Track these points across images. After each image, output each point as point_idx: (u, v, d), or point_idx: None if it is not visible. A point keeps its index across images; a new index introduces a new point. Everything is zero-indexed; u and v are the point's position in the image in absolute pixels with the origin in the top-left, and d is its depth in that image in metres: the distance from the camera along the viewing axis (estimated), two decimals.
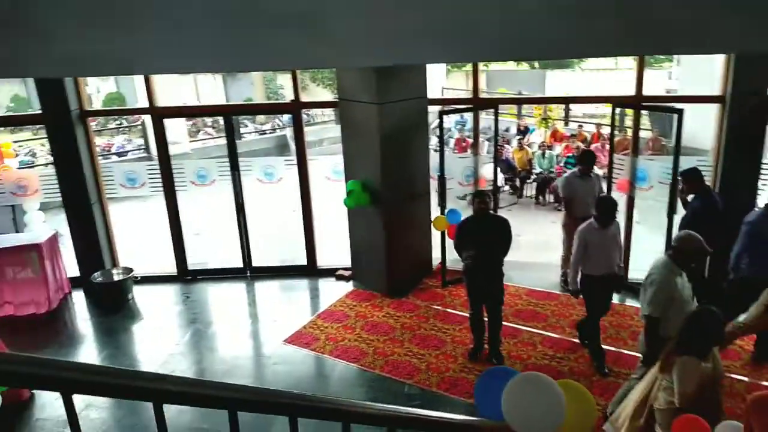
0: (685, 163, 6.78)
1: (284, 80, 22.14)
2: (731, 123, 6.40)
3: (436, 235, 7.33)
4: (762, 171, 6.50)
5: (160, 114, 7.39)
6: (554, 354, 5.76)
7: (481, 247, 5.36)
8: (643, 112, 7.70)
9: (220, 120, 17.08)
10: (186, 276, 7.81)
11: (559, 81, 18.83)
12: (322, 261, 7.91)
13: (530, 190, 11.48)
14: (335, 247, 7.92)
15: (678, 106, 6.75)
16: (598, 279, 5.20)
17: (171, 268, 7.85)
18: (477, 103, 7.66)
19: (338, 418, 1.89)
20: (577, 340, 5.91)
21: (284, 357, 5.90)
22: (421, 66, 6.97)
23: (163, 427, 1.48)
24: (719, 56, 6.65)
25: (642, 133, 9.73)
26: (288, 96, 20.09)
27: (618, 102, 7.59)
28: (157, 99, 7.34)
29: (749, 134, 6.34)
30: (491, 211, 5.71)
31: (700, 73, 11.17)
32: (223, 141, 8.53)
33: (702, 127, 7.12)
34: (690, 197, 5.97)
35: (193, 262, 7.92)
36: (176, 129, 14.03)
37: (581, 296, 5.40)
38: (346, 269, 7.65)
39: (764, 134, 6.39)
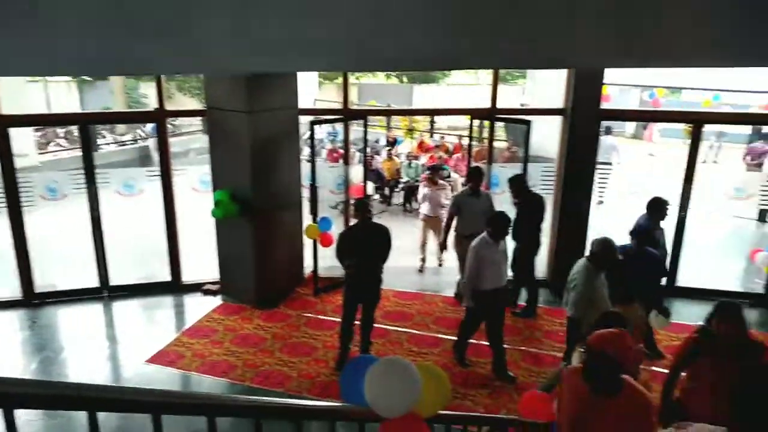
0: (534, 169, 7.43)
1: (147, 89, 21.01)
2: (571, 133, 7.09)
3: (308, 244, 7.33)
4: (596, 174, 7.29)
5: (6, 122, 6.69)
6: (419, 350, 6.04)
7: (364, 254, 5.46)
8: (498, 123, 8.28)
9: (75, 130, 15.85)
10: (33, 300, 7.10)
11: (425, 94, 19.67)
12: (188, 276, 7.59)
13: (398, 198, 11.87)
14: (201, 261, 7.63)
15: (528, 117, 7.35)
16: (490, 293, 5.34)
17: (15, 293, 7.10)
18: (347, 114, 7.80)
19: (202, 413, 1.85)
20: (440, 335, 6.27)
21: (146, 377, 5.56)
22: (291, 76, 6.99)
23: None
24: (563, 72, 7.29)
25: (498, 144, 10.47)
26: (152, 105, 19.07)
27: (475, 114, 8.11)
28: (1, 106, 6.65)
29: (585, 142, 7.06)
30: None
31: (548, 88, 12.25)
32: (78, 153, 7.89)
33: (549, 137, 7.81)
34: (517, 200, 6.62)
35: (42, 284, 7.22)
36: (23, 140, 12.80)
37: (468, 311, 5.58)
38: (213, 283, 7.40)
39: (597, 142, 7.16)
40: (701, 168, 7.59)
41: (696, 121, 7.27)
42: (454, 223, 6.84)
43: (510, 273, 7.17)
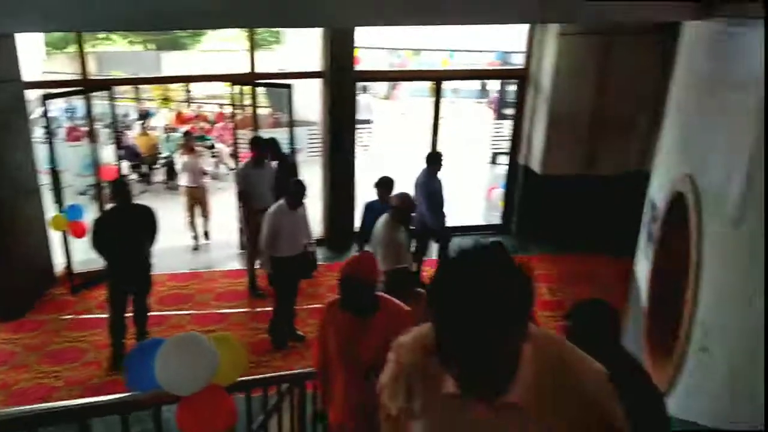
0: (300, 133, 7.52)
1: None
2: (330, 95, 7.29)
3: (56, 237, 6.46)
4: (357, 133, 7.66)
5: None
6: (203, 329, 5.80)
7: (127, 240, 5.00)
8: (260, 89, 8.14)
9: None
10: None
11: (176, 62, 18.34)
12: None
13: (160, 175, 11.09)
14: None
15: (288, 81, 7.34)
16: (290, 260, 5.28)
17: None
18: (87, 86, 6.91)
19: None
20: (223, 310, 6.16)
21: None
22: (8, 42, 5.92)
23: None
24: (318, 35, 7.36)
25: (261, 110, 10.33)
26: None
27: (235, 80, 7.83)
28: None
29: (344, 103, 7.34)
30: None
31: (305, 51, 12.35)
32: None
33: (311, 100, 7.91)
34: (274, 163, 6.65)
35: None
36: None
37: (273, 283, 5.46)
38: None
39: (355, 102, 7.50)
40: (444, 122, 8.45)
41: (437, 78, 8.06)
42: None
43: None
